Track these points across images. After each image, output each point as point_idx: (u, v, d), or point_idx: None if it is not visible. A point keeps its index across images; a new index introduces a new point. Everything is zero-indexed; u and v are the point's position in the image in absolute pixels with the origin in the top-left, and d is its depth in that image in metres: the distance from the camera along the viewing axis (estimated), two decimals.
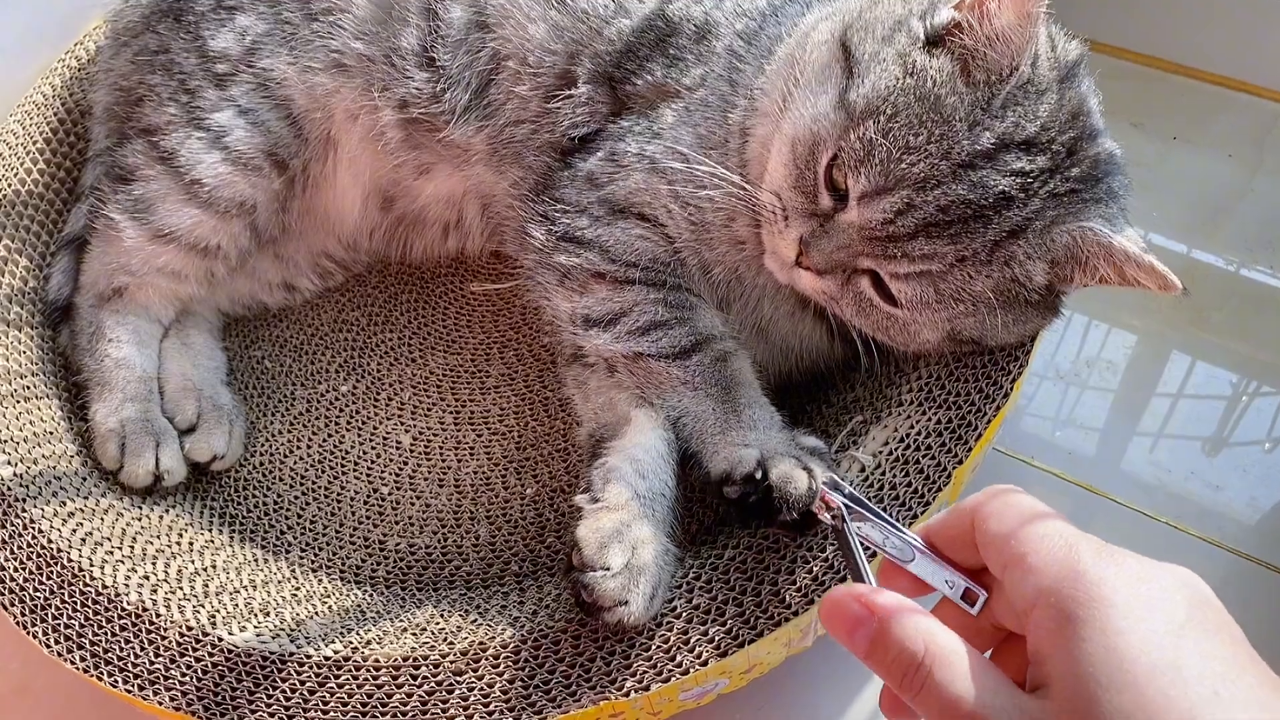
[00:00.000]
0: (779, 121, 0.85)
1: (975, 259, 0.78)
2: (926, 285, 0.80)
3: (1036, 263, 0.78)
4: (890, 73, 0.78)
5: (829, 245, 0.81)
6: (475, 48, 1.00)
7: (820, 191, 0.81)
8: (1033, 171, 0.76)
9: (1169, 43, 1.48)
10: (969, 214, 0.76)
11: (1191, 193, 1.38)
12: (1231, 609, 0.51)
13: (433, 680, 0.79)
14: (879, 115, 0.77)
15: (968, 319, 0.82)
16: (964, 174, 0.75)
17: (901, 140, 0.76)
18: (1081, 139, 0.78)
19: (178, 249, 1.05)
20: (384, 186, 1.12)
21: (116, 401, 1.03)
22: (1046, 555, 0.52)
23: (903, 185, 0.76)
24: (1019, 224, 0.77)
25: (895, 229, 0.77)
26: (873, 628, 0.54)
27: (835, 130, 0.79)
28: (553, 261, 0.96)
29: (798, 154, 0.82)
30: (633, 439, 0.87)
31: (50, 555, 0.89)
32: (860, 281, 0.83)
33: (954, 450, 0.83)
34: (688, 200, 0.91)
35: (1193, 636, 0.48)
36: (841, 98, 0.80)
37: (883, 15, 0.82)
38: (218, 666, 0.82)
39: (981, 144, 0.75)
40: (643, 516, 0.81)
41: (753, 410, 0.87)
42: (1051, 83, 0.77)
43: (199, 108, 1.04)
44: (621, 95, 0.96)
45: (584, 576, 0.76)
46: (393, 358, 1.17)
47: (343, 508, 1.05)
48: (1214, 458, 1.15)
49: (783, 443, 0.83)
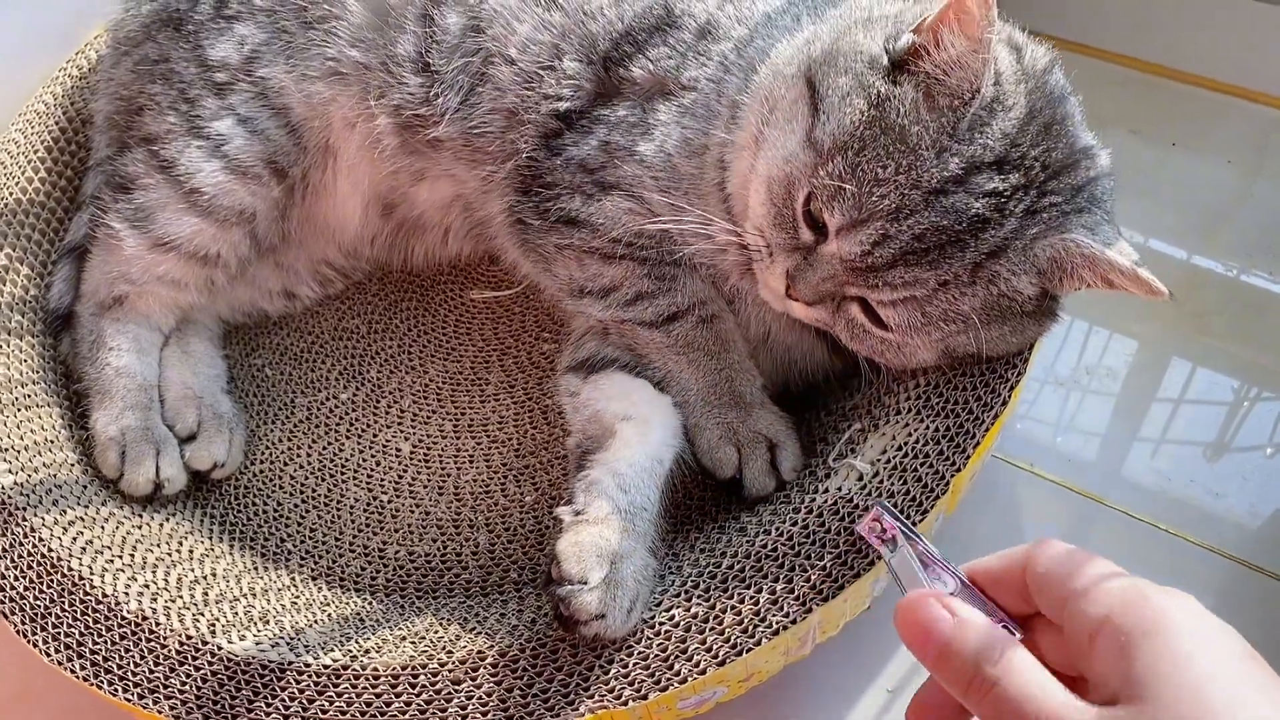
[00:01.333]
0: (754, 160, 0.86)
1: (958, 281, 0.78)
2: (914, 309, 0.80)
3: (1021, 277, 0.79)
4: (855, 106, 0.78)
5: (814, 277, 0.82)
6: (470, 50, 1.00)
7: (800, 227, 0.82)
8: (1006, 190, 0.76)
9: (1168, 49, 1.48)
10: (945, 239, 0.76)
11: (1191, 199, 1.38)
12: (1231, 616, 0.52)
13: (431, 689, 0.79)
14: (846, 150, 0.77)
15: (960, 336, 0.82)
16: (936, 201, 0.76)
17: (870, 174, 0.76)
18: (1056, 149, 0.78)
19: (178, 257, 1.05)
20: (383, 193, 1.12)
21: (117, 410, 1.03)
22: (1109, 587, 0.54)
23: (876, 217, 0.77)
24: (998, 244, 0.77)
25: (874, 259, 0.78)
26: (948, 629, 0.56)
27: (806, 170, 0.80)
28: (549, 243, 0.99)
29: (774, 194, 0.83)
30: (617, 453, 0.89)
31: (50, 564, 0.89)
32: (851, 308, 0.84)
33: (952, 459, 0.83)
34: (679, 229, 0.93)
35: (1251, 666, 0.50)
36: (809, 136, 0.80)
37: (846, 48, 0.82)
38: (217, 675, 0.82)
39: (950, 170, 0.75)
40: (623, 531, 0.82)
41: (733, 381, 0.95)
42: (1019, 97, 0.77)
43: (199, 116, 1.04)
44: (614, 79, 0.96)
45: (561, 590, 0.77)
46: (393, 365, 1.17)
47: (342, 515, 1.05)
48: (1215, 464, 1.15)
49: (761, 421, 0.93)
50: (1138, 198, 1.35)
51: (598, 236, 0.96)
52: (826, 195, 0.78)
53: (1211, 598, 1.04)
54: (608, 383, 0.97)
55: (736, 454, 0.92)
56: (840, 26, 0.87)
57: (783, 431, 0.93)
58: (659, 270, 0.96)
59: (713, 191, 0.92)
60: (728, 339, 0.96)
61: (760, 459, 0.92)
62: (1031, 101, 0.78)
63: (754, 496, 0.91)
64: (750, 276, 0.91)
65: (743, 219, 0.88)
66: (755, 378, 0.96)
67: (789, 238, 0.83)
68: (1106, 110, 0.85)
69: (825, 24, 0.89)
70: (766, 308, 0.93)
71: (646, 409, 0.93)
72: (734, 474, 0.92)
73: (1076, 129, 0.82)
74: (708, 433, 0.93)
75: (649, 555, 0.83)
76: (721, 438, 0.92)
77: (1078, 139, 0.81)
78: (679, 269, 0.96)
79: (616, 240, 0.96)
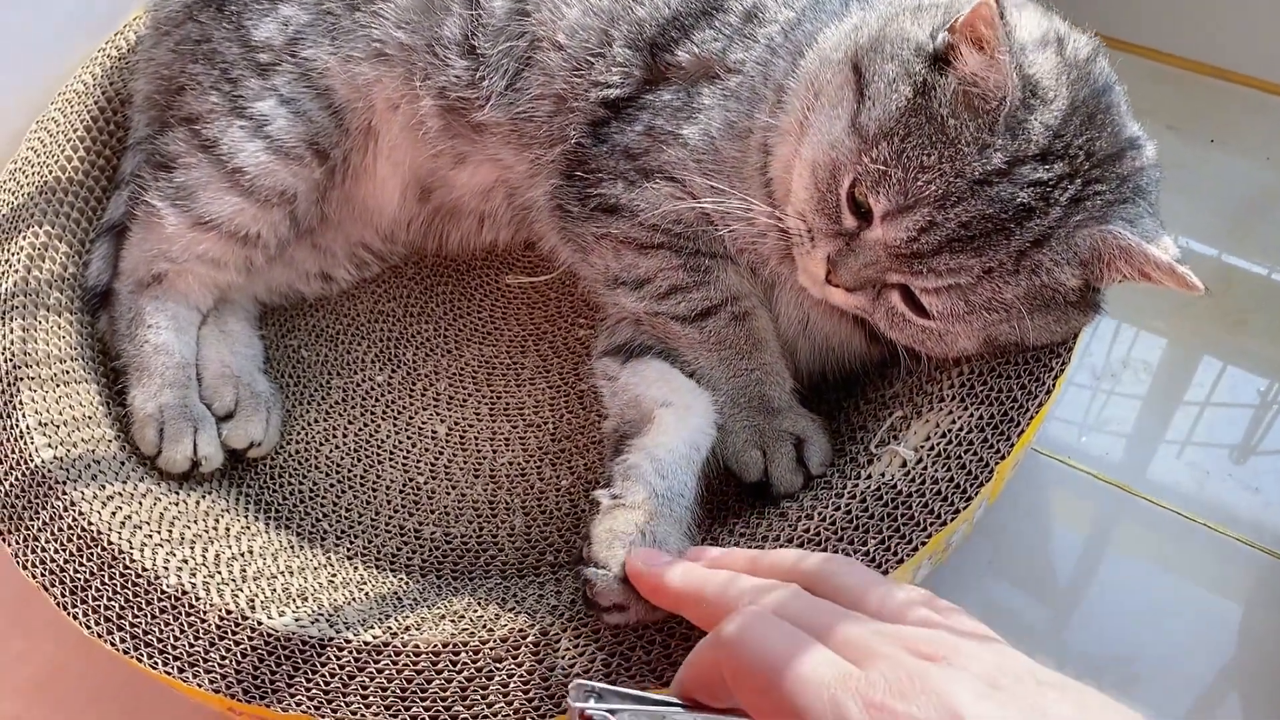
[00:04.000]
0: (798, 145, 0.86)
1: (1002, 270, 0.78)
2: (957, 298, 0.80)
3: (1065, 268, 0.78)
4: (901, 93, 0.78)
5: (856, 263, 0.82)
6: (515, 34, 1.00)
7: (844, 212, 0.82)
8: (1051, 180, 0.76)
9: (1206, 46, 1.47)
10: (991, 228, 0.76)
11: (1228, 196, 1.37)
12: (1269, 612, 0.51)
13: (473, 666, 0.79)
14: (892, 137, 0.78)
15: (1002, 325, 0.82)
16: (981, 190, 0.75)
17: (916, 161, 0.77)
18: (1101, 138, 0.78)
19: (218, 236, 1.05)
20: (422, 177, 1.12)
21: (155, 387, 1.03)
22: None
23: (922, 204, 0.77)
24: (1042, 233, 0.77)
25: (919, 246, 0.78)
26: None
27: (851, 155, 0.80)
28: (587, 231, 0.99)
29: (819, 179, 0.83)
30: (655, 439, 0.88)
31: (90, 537, 0.89)
32: (891, 296, 0.83)
33: (997, 446, 0.83)
34: (719, 211, 0.92)
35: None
36: (854, 121, 0.81)
37: (893, 34, 0.82)
38: (257, 650, 0.82)
39: (993, 164, 0.75)
40: (659, 515, 0.82)
41: (763, 385, 0.94)
42: (1062, 89, 0.77)
43: (241, 97, 1.04)
44: (661, 65, 0.96)
45: (587, 570, 0.77)
46: (428, 349, 1.17)
47: (378, 496, 1.05)
48: (1243, 464, 1.15)
49: (786, 421, 0.92)
50: (1174, 194, 1.32)
51: (636, 225, 0.96)
52: (871, 181, 0.78)
53: (1248, 592, 1.03)
54: (646, 368, 0.97)
55: (762, 457, 0.91)
56: (889, 13, 0.87)
57: (810, 428, 0.93)
58: (694, 262, 0.96)
59: (755, 175, 0.92)
60: (760, 338, 0.96)
61: (786, 455, 0.91)
62: (1074, 92, 0.78)
63: (781, 494, 0.90)
64: (789, 262, 0.91)
65: (784, 203, 0.88)
66: (785, 380, 0.96)
67: (832, 223, 0.83)
68: (1144, 106, 0.84)
69: (874, 10, 0.89)
70: (804, 294, 0.93)
71: (687, 397, 0.93)
72: (760, 477, 0.91)
73: (1122, 118, 0.81)
74: (734, 435, 0.92)
75: (685, 540, 0.83)
76: (748, 441, 0.91)
77: (1123, 129, 0.81)
78: (714, 261, 0.96)
79: (654, 228, 0.96)
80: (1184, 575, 1.07)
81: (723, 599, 0.58)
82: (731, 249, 0.96)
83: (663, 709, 0.58)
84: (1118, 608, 1.05)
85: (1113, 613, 1.04)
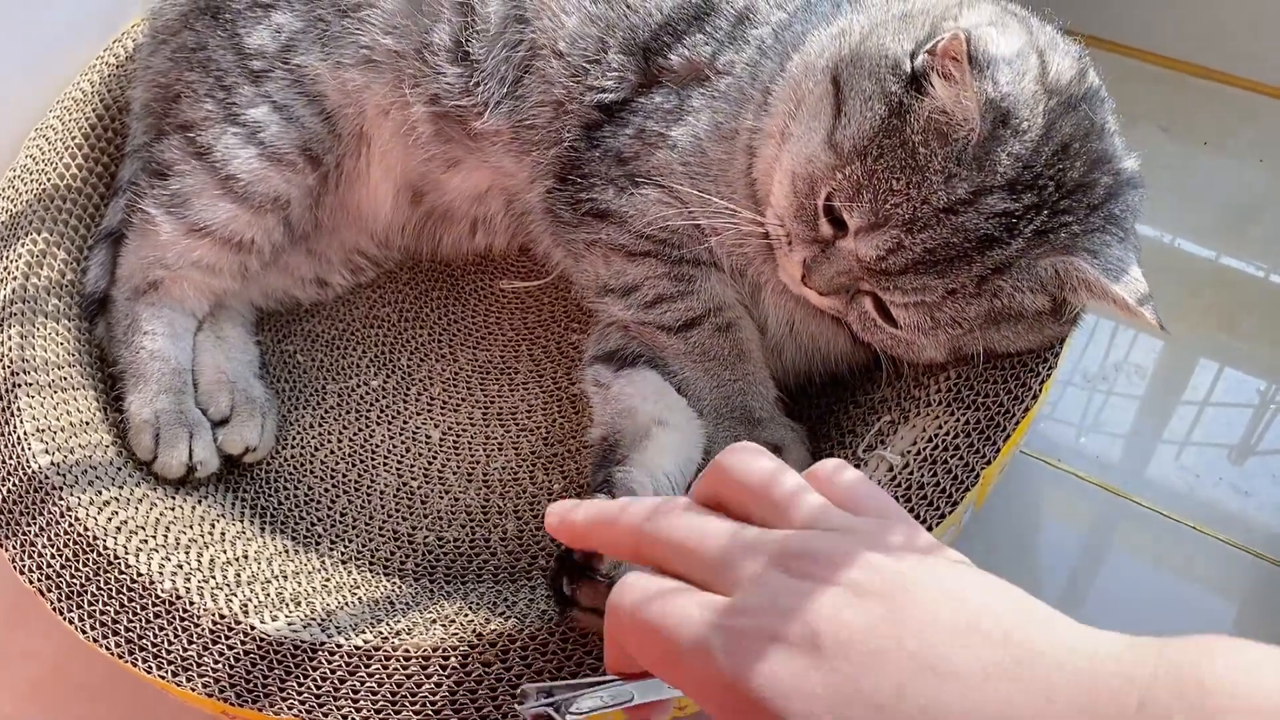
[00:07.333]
0: (779, 152, 0.87)
1: (964, 292, 0.79)
2: (923, 313, 0.81)
3: (1026, 293, 0.79)
4: (875, 113, 0.79)
5: (830, 270, 0.83)
6: (513, 41, 1.01)
7: (820, 222, 0.83)
8: (1017, 210, 0.76)
9: (1201, 48, 1.47)
10: (954, 254, 0.77)
11: (1221, 198, 1.37)
12: (1261, 616, 0.51)
13: (462, 670, 0.80)
14: (865, 157, 0.78)
15: (967, 338, 0.83)
16: (946, 218, 0.76)
17: (886, 183, 0.77)
18: (1073, 168, 0.77)
19: (212, 243, 1.06)
20: (414, 181, 1.13)
21: (151, 393, 1.04)
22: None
23: (891, 225, 0.78)
24: (1004, 261, 0.77)
25: (888, 265, 0.79)
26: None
27: (827, 170, 0.81)
28: (578, 238, 1.00)
29: (797, 187, 0.84)
30: (656, 459, 0.90)
31: (86, 542, 0.90)
32: (864, 301, 0.85)
33: (982, 451, 0.83)
34: (704, 216, 0.93)
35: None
36: (830, 137, 0.81)
37: (873, 50, 0.82)
38: (250, 654, 0.83)
39: (958, 194, 0.75)
40: None
41: (745, 395, 0.94)
42: (1037, 118, 0.76)
43: (235, 104, 1.05)
44: (654, 69, 0.97)
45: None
46: (423, 353, 1.18)
47: (372, 501, 1.06)
48: (1241, 465, 1.15)
49: (766, 431, 0.92)
50: (1167, 196, 1.34)
51: (625, 231, 0.97)
52: (845, 197, 0.80)
53: (1241, 596, 1.04)
54: (641, 380, 0.97)
55: None
56: (876, 19, 0.87)
57: (789, 437, 0.93)
58: (679, 271, 0.97)
59: (740, 177, 0.93)
60: (744, 349, 0.97)
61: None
62: (1050, 120, 0.77)
63: None
64: (774, 263, 0.92)
65: (766, 205, 0.89)
66: (769, 390, 0.97)
67: (809, 230, 0.84)
68: (1138, 108, 0.84)
69: (863, 14, 0.89)
70: (789, 296, 0.94)
71: (680, 417, 0.94)
72: None
73: (1101, 141, 0.80)
74: (717, 446, 0.93)
75: None
76: None
77: (1101, 153, 0.80)
78: (699, 270, 0.97)
79: (642, 235, 0.96)
80: (1179, 578, 1.07)
81: (623, 517, 0.58)
82: (718, 253, 0.96)
83: (599, 688, 0.59)
84: (1113, 611, 1.05)
85: (1107, 616, 1.04)
